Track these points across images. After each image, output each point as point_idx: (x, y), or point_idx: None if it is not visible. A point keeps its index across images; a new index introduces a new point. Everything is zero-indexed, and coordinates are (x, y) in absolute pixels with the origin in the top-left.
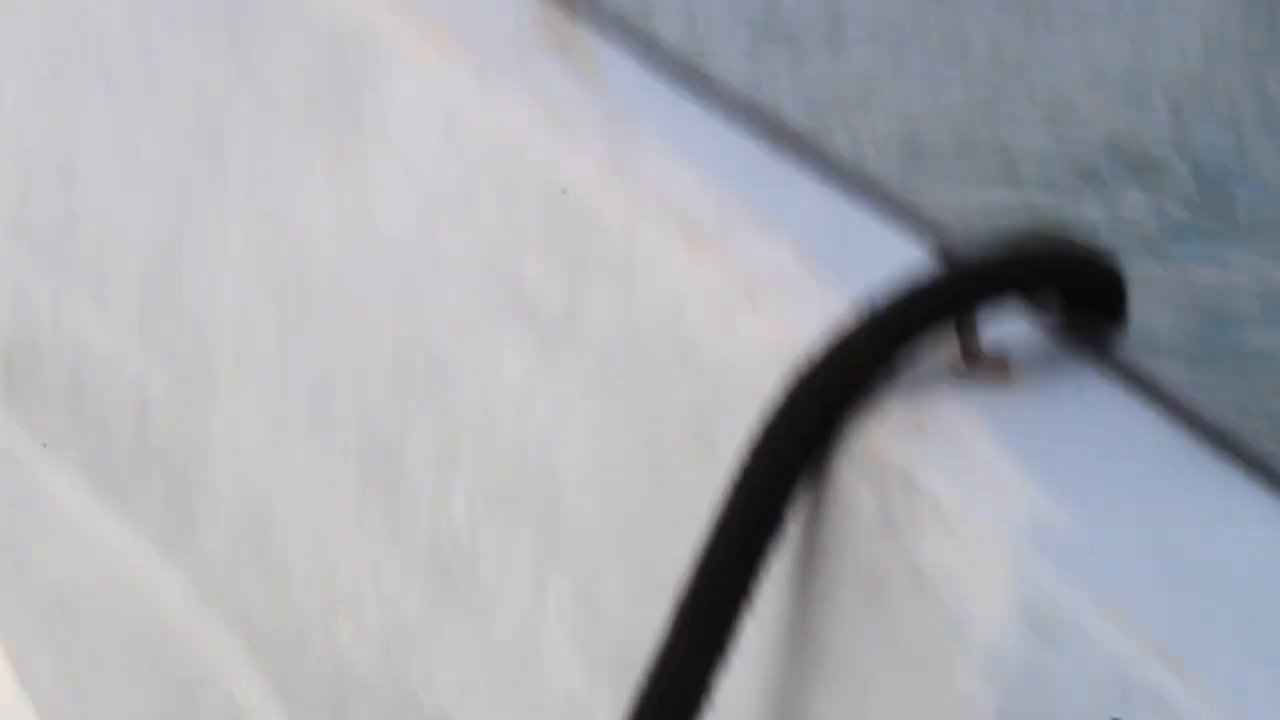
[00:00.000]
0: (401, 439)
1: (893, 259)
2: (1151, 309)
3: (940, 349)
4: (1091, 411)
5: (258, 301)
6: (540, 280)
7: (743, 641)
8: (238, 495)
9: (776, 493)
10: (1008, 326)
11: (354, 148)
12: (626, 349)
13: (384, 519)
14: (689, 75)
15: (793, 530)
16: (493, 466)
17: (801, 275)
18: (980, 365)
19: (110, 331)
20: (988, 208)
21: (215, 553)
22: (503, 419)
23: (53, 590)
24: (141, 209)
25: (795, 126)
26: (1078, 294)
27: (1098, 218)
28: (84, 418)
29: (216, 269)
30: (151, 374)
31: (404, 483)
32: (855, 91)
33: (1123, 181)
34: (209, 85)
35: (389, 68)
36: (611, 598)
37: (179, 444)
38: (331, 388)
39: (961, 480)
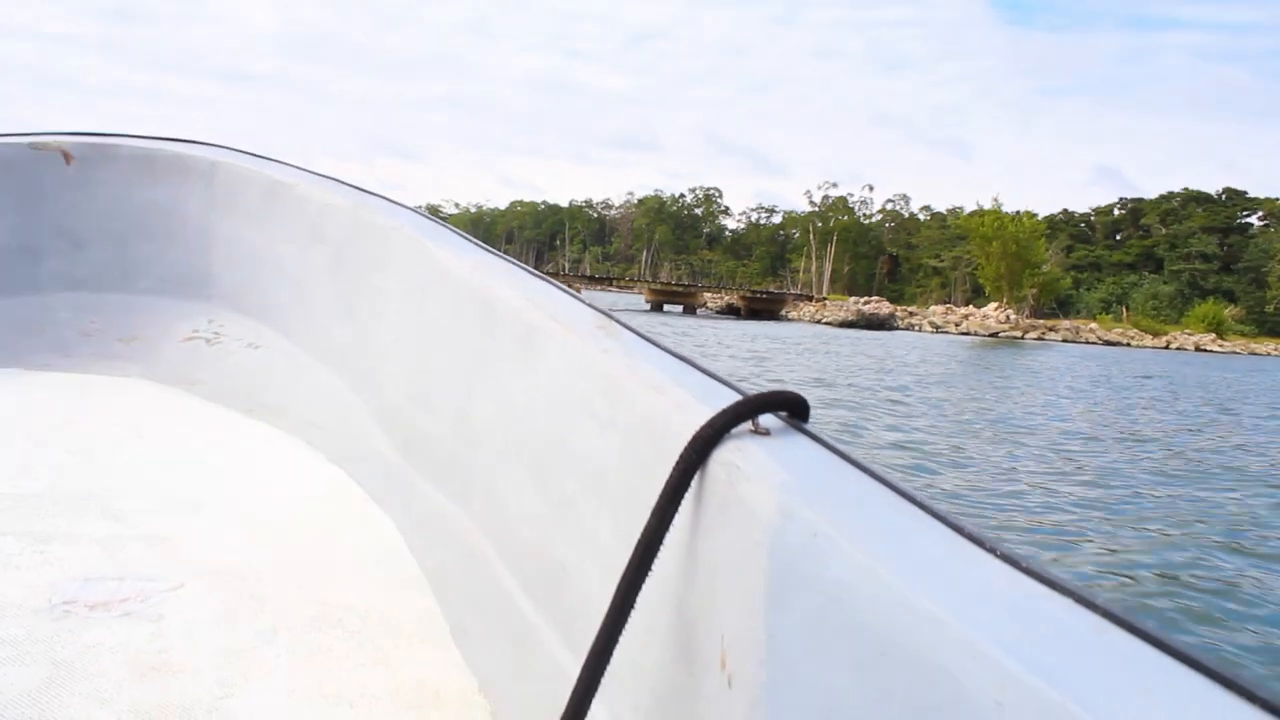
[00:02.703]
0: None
1: (729, 395)
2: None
3: (746, 425)
4: (799, 448)
5: (518, 420)
6: None
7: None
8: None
9: (689, 470)
10: (771, 419)
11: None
12: None
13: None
14: None
15: (693, 489)
16: None
17: (704, 399)
18: (759, 431)
19: (438, 427)
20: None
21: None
22: None
23: None
24: (453, 373)
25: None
26: (795, 408)
27: None
28: (428, 458)
29: (493, 403)
30: (461, 448)
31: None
32: None
33: None
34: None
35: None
36: None
37: (469, 464)
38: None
39: (755, 464)
